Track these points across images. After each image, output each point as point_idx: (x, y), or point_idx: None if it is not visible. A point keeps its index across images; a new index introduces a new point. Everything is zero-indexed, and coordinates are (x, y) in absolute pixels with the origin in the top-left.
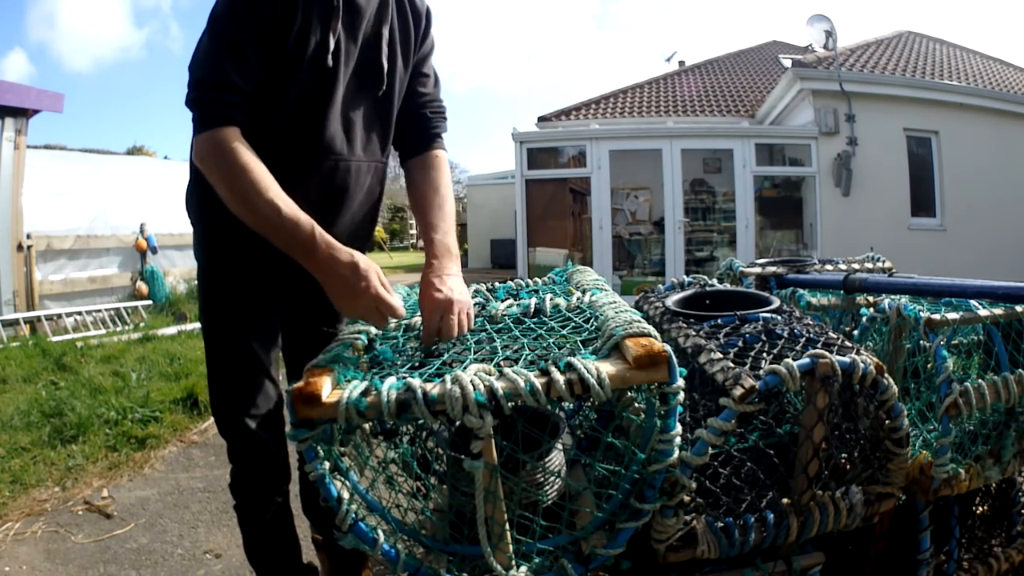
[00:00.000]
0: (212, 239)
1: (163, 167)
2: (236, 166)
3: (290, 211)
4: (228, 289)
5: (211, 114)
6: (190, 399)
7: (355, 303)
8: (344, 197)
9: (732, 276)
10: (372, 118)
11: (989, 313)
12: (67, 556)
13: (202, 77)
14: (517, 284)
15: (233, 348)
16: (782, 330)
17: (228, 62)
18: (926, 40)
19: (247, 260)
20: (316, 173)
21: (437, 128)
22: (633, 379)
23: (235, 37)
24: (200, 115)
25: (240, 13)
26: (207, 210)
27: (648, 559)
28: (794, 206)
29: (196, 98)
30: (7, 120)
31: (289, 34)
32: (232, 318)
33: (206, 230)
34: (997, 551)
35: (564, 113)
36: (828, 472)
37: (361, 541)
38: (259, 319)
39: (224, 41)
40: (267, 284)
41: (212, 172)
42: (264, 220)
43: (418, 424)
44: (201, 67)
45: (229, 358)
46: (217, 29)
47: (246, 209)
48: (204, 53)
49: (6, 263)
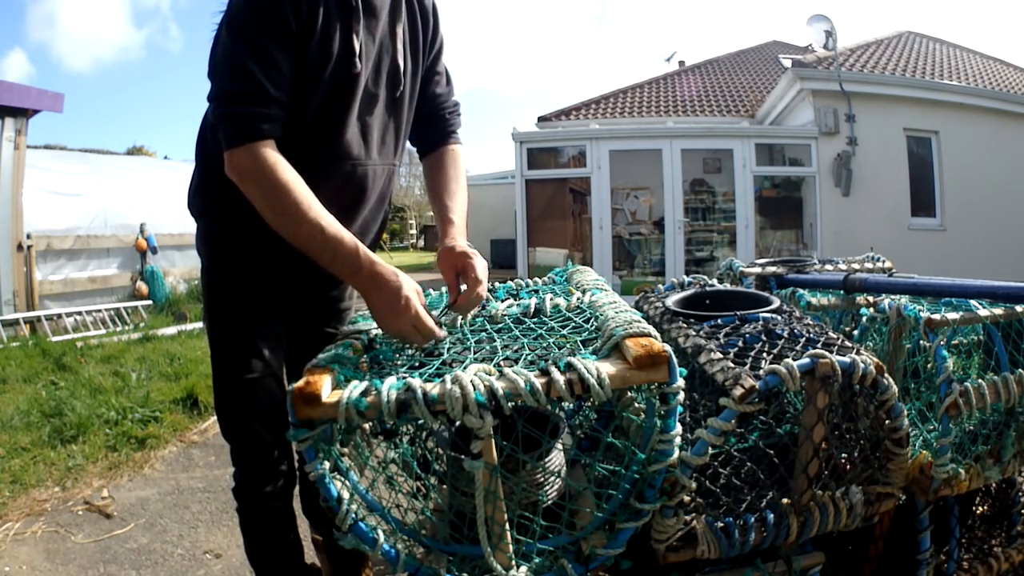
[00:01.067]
0: (217, 237)
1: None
2: (279, 184)
3: (334, 229)
4: (233, 287)
5: (247, 129)
6: (190, 399)
7: (396, 321)
8: (359, 201)
9: (732, 276)
10: (387, 120)
11: (989, 313)
12: (67, 556)
13: (233, 89)
14: (517, 284)
15: (239, 347)
16: (782, 330)
17: (260, 70)
18: (926, 40)
19: (252, 259)
20: (333, 177)
21: (452, 125)
22: (633, 379)
23: (262, 42)
24: (235, 131)
25: (266, 15)
26: (212, 209)
27: (648, 559)
28: (794, 206)
29: (229, 113)
30: (7, 120)
31: (311, 37)
32: (238, 317)
33: (210, 229)
34: (997, 551)
35: (564, 113)
36: (828, 472)
37: (361, 541)
38: (265, 318)
39: (251, 47)
40: (273, 282)
41: (252, 189)
42: (308, 239)
43: (418, 424)
44: (230, 78)
45: (235, 358)
46: (241, 33)
47: (290, 227)
48: (229, 61)
49: (6, 263)
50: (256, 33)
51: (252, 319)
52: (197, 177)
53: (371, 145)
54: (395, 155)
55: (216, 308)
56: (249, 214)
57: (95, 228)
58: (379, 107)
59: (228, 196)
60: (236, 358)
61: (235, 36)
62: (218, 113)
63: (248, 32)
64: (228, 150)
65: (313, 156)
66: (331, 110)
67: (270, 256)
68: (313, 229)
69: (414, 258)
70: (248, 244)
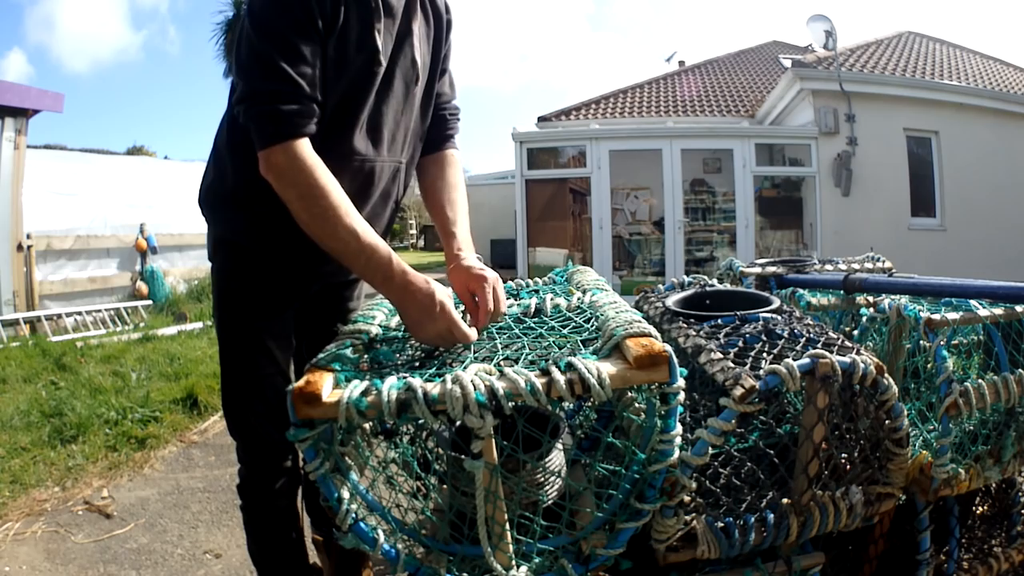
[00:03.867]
0: (229, 236)
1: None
2: (316, 187)
3: (368, 237)
4: (244, 285)
5: (284, 127)
6: (190, 399)
7: (433, 327)
8: (363, 197)
9: (732, 276)
10: (399, 118)
11: (989, 313)
12: (67, 556)
13: (266, 88)
14: (517, 284)
15: (248, 345)
16: (782, 330)
17: (292, 68)
18: (926, 40)
19: (264, 258)
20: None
21: (451, 129)
22: (634, 379)
23: (291, 39)
24: (272, 129)
25: (292, 12)
26: (224, 209)
27: (648, 559)
28: (794, 206)
29: (264, 112)
30: (7, 120)
31: (333, 35)
32: (248, 315)
33: (222, 228)
34: (997, 551)
35: (564, 113)
36: (828, 472)
37: (361, 541)
38: (275, 317)
39: (281, 45)
40: (284, 281)
41: (288, 190)
42: (343, 245)
43: (418, 424)
44: (262, 77)
45: (244, 356)
46: (268, 31)
47: (324, 232)
48: (259, 59)
49: (6, 263)
50: (284, 30)
51: (262, 316)
52: (210, 176)
53: (381, 142)
54: (403, 152)
55: (226, 305)
56: (260, 216)
57: (95, 228)
58: (392, 105)
59: (240, 197)
60: (245, 355)
61: (262, 34)
62: (252, 112)
63: (275, 29)
64: (264, 149)
65: (323, 151)
66: (348, 107)
67: (282, 255)
68: (349, 234)
69: (414, 258)
70: (260, 244)
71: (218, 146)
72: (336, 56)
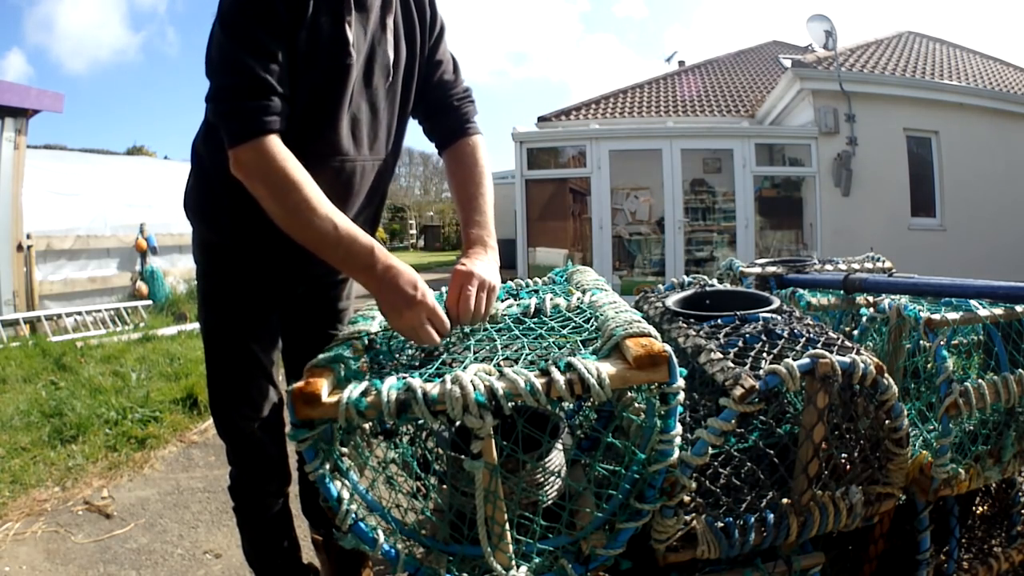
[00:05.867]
0: (211, 240)
1: (163, 167)
2: (287, 181)
3: (346, 227)
4: (228, 290)
5: (251, 124)
6: (190, 399)
7: (411, 314)
8: (348, 197)
9: (732, 276)
10: (378, 115)
11: (989, 313)
12: (67, 556)
13: (231, 84)
14: (517, 284)
15: (232, 350)
16: (782, 330)
17: (258, 64)
18: (926, 40)
19: (246, 261)
20: (321, 173)
21: (467, 114)
22: (633, 379)
23: (256, 35)
24: (238, 127)
25: (256, 7)
26: (206, 212)
27: (648, 559)
28: (794, 206)
29: (230, 109)
30: (7, 120)
31: (301, 28)
32: (232, 319)
33: (205, 231)
34: (997, 551)
35: (564, 113)
36: (828, 472)
37: (361, 541)
38: (259, 320)
39: (246, 41)
40: (267, 284)
41: (259, 187)
42: (320, 236)
43: (418, 424)
44: (228, 74)
45: (228, 360)
46: (234, 28)
47: (299, 225)
48: (225, 57)
49: (6, 263)
50: (248, 26)
51: (247, 318)
52: (192, 179)
53: (361, 140)
54: (386, 150)
55: (210, 308)
56: (243, 217)
57: (95, 228)
58: (370, 101)
59: (222, 198)
60: (230, 358)
61: (228, 31)
62: (219, 111)
63: (241, 26)
64: (232, 148)
65: (301, 151)
66: (321, 104)
67: (264, 258)
68: (324, 224)
69: (414, 258)
70: (242, 246)
71: (197, 148)
72: (306, 49)
